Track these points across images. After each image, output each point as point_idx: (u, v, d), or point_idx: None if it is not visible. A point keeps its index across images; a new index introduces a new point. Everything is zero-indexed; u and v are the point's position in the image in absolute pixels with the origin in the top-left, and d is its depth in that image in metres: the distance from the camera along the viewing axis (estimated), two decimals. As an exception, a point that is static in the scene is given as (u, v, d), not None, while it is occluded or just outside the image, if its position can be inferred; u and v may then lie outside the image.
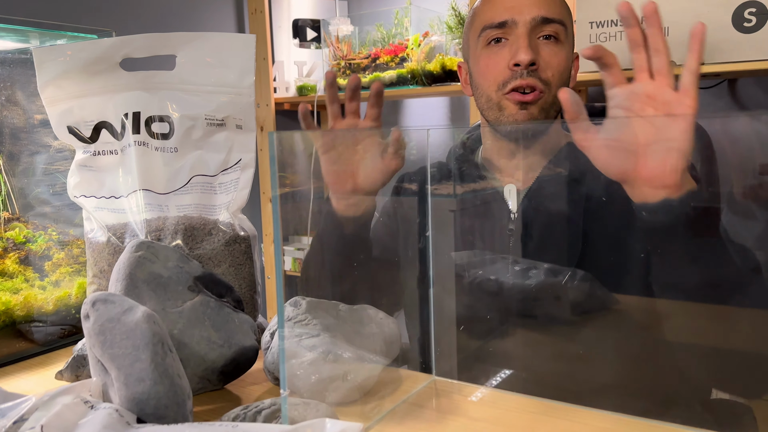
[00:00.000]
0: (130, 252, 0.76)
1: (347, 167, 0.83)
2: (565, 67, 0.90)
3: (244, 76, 0.85)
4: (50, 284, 0.96)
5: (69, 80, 0.85)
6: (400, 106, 2.06)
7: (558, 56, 0.89)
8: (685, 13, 1.27)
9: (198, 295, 0.76)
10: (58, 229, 1.02)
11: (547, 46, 0.89)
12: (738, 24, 1.22)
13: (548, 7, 0.90)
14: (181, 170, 0.88)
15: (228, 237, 0.87)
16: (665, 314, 0.76)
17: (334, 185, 0.85)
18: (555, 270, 0.83)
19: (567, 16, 0.92)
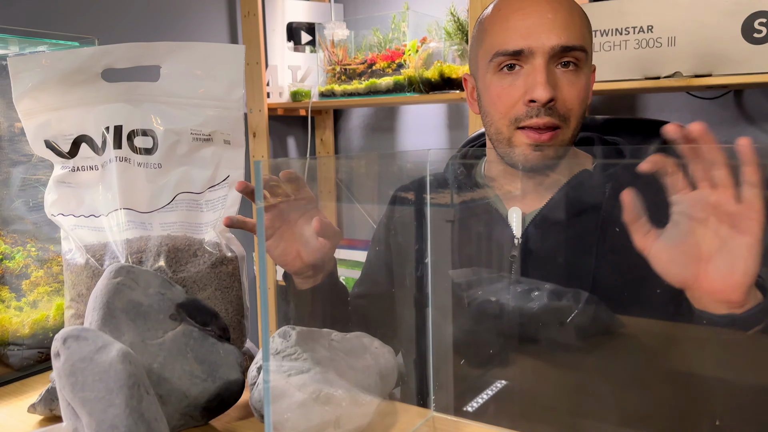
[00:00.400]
0: (108, 278, 0.71)
1: (291, 246, 0.80)
2: (586, 94, 0.83)
3: (232, 88, 0.80)
4: (27, 305, 0.91)
5: (46, 92, 0.80)
6: (396, 111, 2.01)
7: (578, 85, 0.81)
8: (693, 22, 1.23)
9: (180, 325, 0.71)
10: (38, 244, 0.97)
11: (566, 76, 0.81)
12: (747, 35, 1.17)
13: (569, 33, 0.80)
14: (165, 187, 0.83)
15: (214, 258, 0.82)
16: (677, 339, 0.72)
17: (285, 266, 0.83)
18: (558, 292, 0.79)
19: (588, 36, 0.84)
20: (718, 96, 1.49)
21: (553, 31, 0.80)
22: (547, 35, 0.80)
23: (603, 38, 1.31)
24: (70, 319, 0.82)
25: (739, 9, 1.18)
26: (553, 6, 0.81)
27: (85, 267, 0.80)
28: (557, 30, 0.80)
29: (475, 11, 1.42)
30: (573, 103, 0.81)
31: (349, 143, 2.13)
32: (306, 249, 0.80)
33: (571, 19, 0.81)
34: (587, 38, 0.83)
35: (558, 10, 0.81)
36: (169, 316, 0.71)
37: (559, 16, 0.80)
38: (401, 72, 1.61)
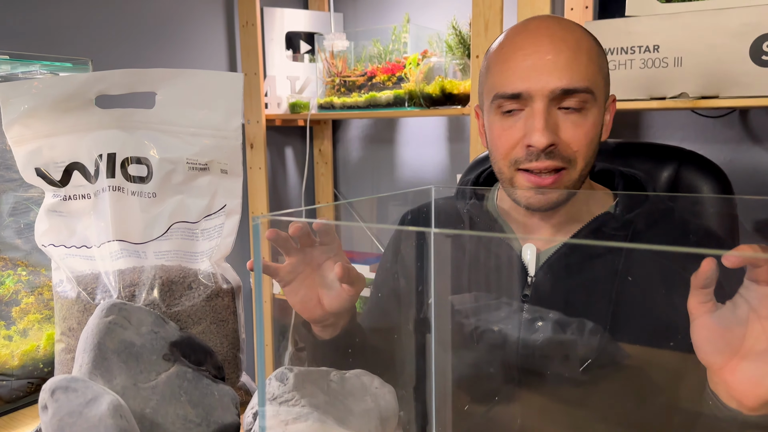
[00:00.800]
0: (100, 317, 0.69)
1: (311, 293, 0.75)
2: (595, 133, 0.79)
3: (230, 117, 0.78)
4: (17, 334, 0.88)
5: (37, 118, 0.78)
6: (396, 122, 1.99)
7: (584, 127, 0.77)
8: (699, 43, 1.20)
9: (174, 366, 0.69)
10: (29, 268, 0.94)
11: (569, 118, 0.77)
12: (756, 57, 1.15)
13: (571, 74, 0.76)
14: (159, 217, 0.80)
15: (209, 291, 0.80)
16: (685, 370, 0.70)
17: (304, 314, 0.77)
18: (571, 339, 0.77)
19: (598, 73, 0.79)
20: (724, 115, 1.47)
21: (553, 73, 0.76)
22: (546, 78, 0.76)
23: (608, 57, 1.29)
24: (61, 353, 0.79)
25: (747, 31, 1.16)
26: (555, 46, 0.77)
27: (77, 301, 0.77)
28: (558, 72, 0.76)
29: (478, 25, 1.39)
30: (579, 145, 0.77)
31: (348, 154, 2.11)
32: (328, 296, 0.75)
33: (575, 58, 0.76)
34: (595, 76, 0.78)
35: (561, 50, 0.76)
36: (163, 356, 0.69)
37: (561, 57, 0.76)
38: (401, 86, 1.58)
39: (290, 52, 1.92)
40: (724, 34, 1.19)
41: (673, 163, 1.04)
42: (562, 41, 0.77)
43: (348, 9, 2.02)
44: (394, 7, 1.93)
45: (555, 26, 0.78)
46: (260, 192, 1.83)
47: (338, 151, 2.13)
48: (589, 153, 0.79)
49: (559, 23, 0.79)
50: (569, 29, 0.78)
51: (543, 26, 0.79)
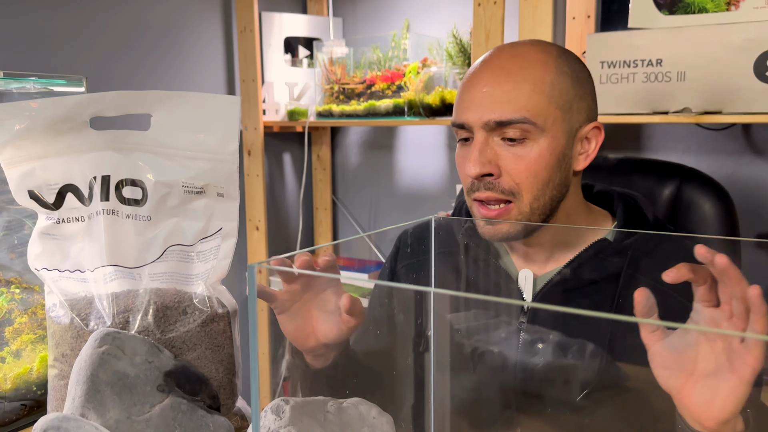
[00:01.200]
0: (93, 347, 0.68)
1: (306, 323, 0.74)
2: (542, 165, 0.78)
3: (227, 141, 0.76)
4: (10, 355, 0.87)
5: (30, 140, 0.76)
6: (395, 129, 1.97)
7: (526, 158, 0.77)
8: (703, 58, 1.19)
9: (168, 397, 0.68)
10: (23, 285, 0.93)
11: (511, 149, 0.78)
12: (760, 73, 1.14)
13: (507, 106, 0.77)
14: (154, 240, 0.79)
15: (205, 317, 0.78)
16: None
17: (296, 342, 0.77)
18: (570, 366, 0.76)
19: (546, 103, 0.78)
20: (726, 127, 1.46)
21: (487, 105, 0.78)
22: (482, 110, 0.78)
23: (610, 70, 1.27)
24: (54, 379, 0.78)
25: (751, 46, 1.15)
26: (495, 78, 0.78)
27: (70, 327, 0.76)
28: (492, 104, 0.77)
29: (479, 36, 1.38)
30: (520, 177, 0.78)
31: (347, 160, 2.09)
32: (324, 327, 0.74)
33: (513, 90, 0.77)
34: (541, 107, 0.77)
35: (500, 82, 0.78)
36: (157, 387, 0.68)
37: (498, 89, 0.77)
38: (401, 95, 1.57)
39: (289, 56, 1.90)
40: (727, 50, 1.18)
41: (675, 181, 1.03)
42: (504, 73, 0.78)
43: (347, 14, 2.00)
44: (394, 12, 1.91)
45: (506, 57, 0.80)
46: (258, 199, 1.81)
47: (337, 157, 2.12)
48: (537, 185, 0.78)
49: (514, 54, 0.80)
50: (522, 60, 0.79)
51: (496, 56, 0.81)
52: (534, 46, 0.81)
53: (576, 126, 0.80)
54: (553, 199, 0.80)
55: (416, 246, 0.88)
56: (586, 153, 0.81)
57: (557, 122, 0.78)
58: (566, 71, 0.79)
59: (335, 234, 2.13)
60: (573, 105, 0.79)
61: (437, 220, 0.69)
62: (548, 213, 0.81)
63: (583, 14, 1.52)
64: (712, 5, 1.20)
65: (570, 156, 0.80)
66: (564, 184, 0.80)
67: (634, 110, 1.27)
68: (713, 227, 0.98)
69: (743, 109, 1.17)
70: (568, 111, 0.79)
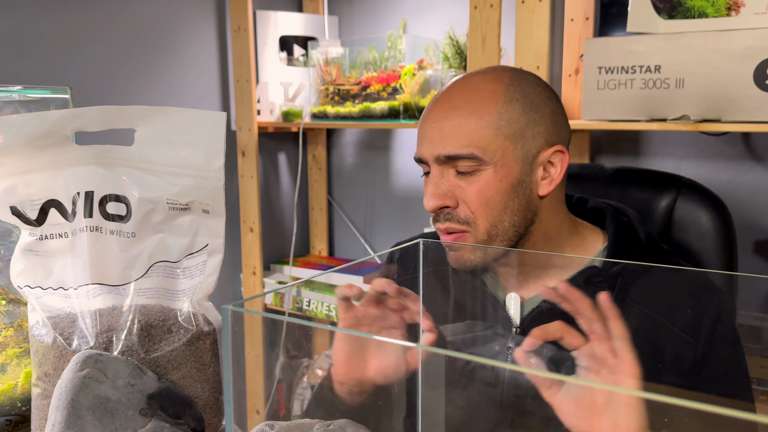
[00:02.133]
0: (75, 371, 0.66)
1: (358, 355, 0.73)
2: (492, 193, 0.80)
3: (212, 158, 0.75)
4: (-6, 370, 0.86)
5: (12, 155, 0.75)
6: (391, 131, 1.96)
7: (476, 187, 0.80)
8: (702, 65, 1.17)
9: (151, 421, 0.67)
10: (10, 296, 0.92)
11: (464, 180, 0.81)
12: (760, 81, 1.12)
13: (453, 141, 0.79)
14: (139, 257, 0.78)
15: (190, 335, 0.77)
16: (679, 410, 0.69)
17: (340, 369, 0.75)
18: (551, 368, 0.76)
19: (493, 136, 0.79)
20: (725, 133, 1.44)
21: (437, 140, 0.81)
22: (434, 145, 0.81)
23: (608, 76, 1.25)
24: (37, 398, 0.77)
25: (751, 54, 1.13)
26: (444, 113, 0.81)
27: (53, 346, 0.74)
28: (441, 139, 0.80)
29: (475, 39, 1.36)
30: (474, 206, 0.80)
31: (342, 160, 2.08)
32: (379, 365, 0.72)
33: (461, 124, 0.79)
34: (487, 140, 0.79)
35: (448, 117, 0.80)
36: (139, 411, 0.67)
37: (447, 123, 0.80)
38: (396, 97, 1.55)
39: (285, 54, 1.88)
40: (728, 57, 1.16)
41: (672, 192, 1.02)
42: (453, 107, 0.80)
43: (344, 12, 1.98)
44: (390, 11, 1.89)
45: (456, 90, 0.82)
46: (252, 200, 1.80)
47: (333, 157, 2.10)
48: (492, 213, 0.79)
49: (463, 87, 0.81)
50: (470, 92, 0.80)
51: (447, 91, 0.83)
52: (486, 75, 0.82)
53: (533, 152, 0.80)
54: (516, 225, 0.81)
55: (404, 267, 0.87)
56: (550, 178, 0.81)
57: (507, 152, 0.79)
58: (517, 98, 0.79)
59: (331, 234, 2.12)
60: (525, 132, 0.79)
61: (425, 243, 0.68)
62: (514, 238, 0.81)
63: (581, 16, 1.50)
64: (713, 10, 1.18)
65: (529, 182, 0.80)
66: (527, 210, 0.81)
67: (631, 117, 1.25)
68: (710, 240, 0.96)
69: (743, 117, 1.16)
70: (520, 139, 0.79)
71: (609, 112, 1.26)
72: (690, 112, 1.19)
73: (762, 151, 1.41)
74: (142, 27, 1.60)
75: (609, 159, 1.57)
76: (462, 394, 0.77)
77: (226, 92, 1.81)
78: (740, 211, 1.42)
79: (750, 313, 1.36)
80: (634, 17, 1.25)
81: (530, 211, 0.81)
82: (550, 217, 0.82)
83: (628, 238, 0.81)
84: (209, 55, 1.74)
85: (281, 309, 1.85)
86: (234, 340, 0.61)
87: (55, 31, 1.46)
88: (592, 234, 0.86)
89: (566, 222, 0.85)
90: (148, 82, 1.62)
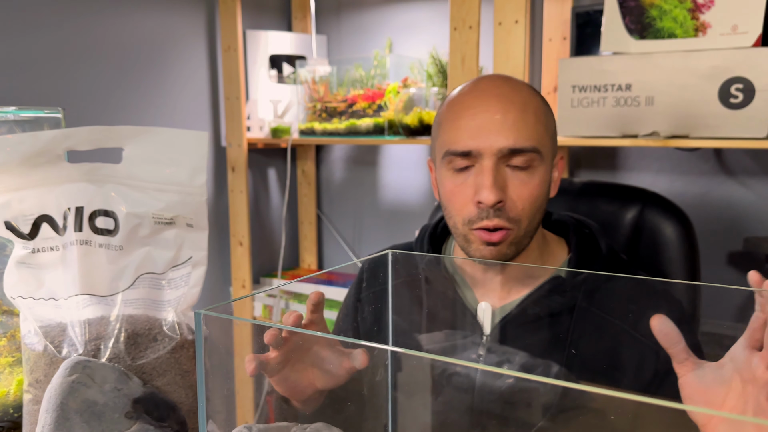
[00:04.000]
0: (63, 376, 0.70)
1: (303, 377, 0.73)
2: (541, 191, 0.82)
3: (195, 175, 0.79)
4: (-12, 378, 0.89)
5: (7, 173, 0.79)
6: (377, 148, 2.01)
7: (530, 185, 0.80)
8: (670, 84, 1.22)
9: (136, 423, 0.70)
10: (3, 307, 0.95)
11: (517, 176, 0.80)
12: (724, 99, 1.17)
13: (518, 134, 0.79)
14: (126, 269, 0.82)
15: (174, 344, 0.81)
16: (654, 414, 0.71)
17: (292, 396, 0.75)
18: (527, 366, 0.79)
19: (545, 133, 0.82)
20: (698, 149, 1.49)
21: (501, 132, 0.78)
22: (495, 137, 0.78)
23: (581, 94, 1.30)
24: (28, 404, 0.80)
25: (716, 73, 1.18)
26: (503, 106, 0.79)
27: (44, 354, 0.78)
28: (506, 132, 0.78)
29: (455, 59, 1.41)
30: (524, 204, 0.80)
31: (331, 175, 2.12)
32: (323, 377, 0.73)
33: (522, 118, 0.79)
34: (542, 136, 0.81)
35: (509, 110, 0.79)
36: (125, 414, 0.70)
37: (509, 116, 0.78)
38: (381, 114, 1.60)
39: (274, 72, 1.93)
40: (693, 76, 1.21)
41: (638, 205, 1.06)
42: (510, 101, 0.79)
43: (332, 32, 2.03)
44: (377, 30, 1.94)
45: (504, 86, 0.81)
46: (241, 215, 1.84)
47: (321, 172, 2.15)
48: (534, 211, 0.81)
49: (507, 83, 0.82)
50: (517, 89, 0.81)
51: (493, 86, 0.81)
52: (515, 79, 0.84)
53: (553, 154, 0.84)
54: (539, 223, 0.84)
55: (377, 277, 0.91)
56: (556, 182, 0.85)
57: (549, 150, 0.82)
58: (547, 104, 0.83)
59: (320, 247, 2.16)
60: (555, 135, 0.84)
61: (394, 255, 0.72)
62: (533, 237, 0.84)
63: (559, 36, 1.55)
64: (681, 31, 1.24)
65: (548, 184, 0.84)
66: (545, 210, 0.84)
67: (604, 133, 1.30)
68: (674, 250, 1.01)
69: (709, 133, 1.21)
70: (553, 139, 0.83)
71: (583, 129, 1.31)
72: (660, 129, 1.24)
73: (733, 166, 1.46)
74: (134, 47, 1.65)
75: (588, 174, 1.62)
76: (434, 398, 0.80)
77: (217, 109, 1.86)
78: (713, 224, 1.47)
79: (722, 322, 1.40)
80: (607, 37, 1.30)
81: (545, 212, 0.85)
82: None
83: (590, 249, 0.85)
84: (200, 73, 1.79)
85: (268, 321, 1.88)
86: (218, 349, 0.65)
87: (48, 52, 1.50)
88: (557, 245, 0.90)
89: (539, 231, 0.89)
90: (139, 101, 1.67)
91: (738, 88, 1.16)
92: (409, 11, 1.85)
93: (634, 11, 1.26)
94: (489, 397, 0.80)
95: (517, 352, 0.83)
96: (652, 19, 1.25)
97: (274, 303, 1.84)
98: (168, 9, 1.68)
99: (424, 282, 0.84)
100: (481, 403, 0.80)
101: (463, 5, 1.36)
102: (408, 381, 0.76)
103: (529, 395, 0.79)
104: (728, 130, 1.18)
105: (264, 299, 1.86)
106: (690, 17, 1.21)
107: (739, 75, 1.15)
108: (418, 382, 0.78)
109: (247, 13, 1.86)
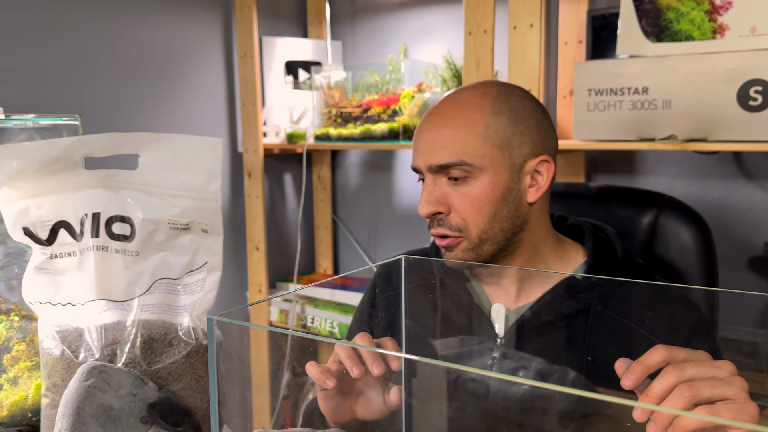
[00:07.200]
0: (80, 381, 0.71)
1: (344, 402, 0.73)
2: (486, 200, 0.85)
3: (210, 181, 0.80)
4: (7, 382, 0.90)
5: (25, 180, 0.80)
6: (392, 152, 2.01)
7: (470, 196, 0.85)
8: (688, 87, 1.21)
9: (151, 428, 0.71)
10: (23, 313, 0.96)
11: (456, 188, 0.86)
12: (743, 102, 1.16)
13: (444, 151, 0.85)
14: (142, 275, 0.82)
15: (190, 348, 0.81)
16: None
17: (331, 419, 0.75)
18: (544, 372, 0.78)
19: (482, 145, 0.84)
20: (717, 152, 1.47)
21: (430, 150, 0.85)
22: (427, 155, 0.86)
23: (598, 98, 1.30)
24: (46, 408, 0.81)
25: (734, 76, 1.17)
26: (435, 125, 0.86)
27: (61, 358, 0.79)
28: (433, 150, 0.85)
29: (470, 64, 1.40)
30: (466, 213, 0.85)
31: (347, 180, 2.13)
32: (365, 407, 0.73)
33: (451, 135, 0.84)
34: (478, 149, 0.84)
35: (439, 128, 0.85)
36: (140, 419, 0.71)
37: (438, 135, 0.85)
38: (395, 119, 1.60)
39: (290, 78, 1.94)
40: (712, 79, 1.20)
41: (654, 209, 1.05)
42: (443, 120, 0.85)
43: (347, 38, 2.04)
44: (391, 35, 1.95)
45: (447, 104, 0.87)
46: (258, 220, 1.85)
47: (337, 177, 2.15)
48: (483, 219, 0.84)
49: (453, 101, 0.86)
50: (459, 106, 0.85)
51: (439, 105, 0.88)
52: (475, 90, 0.87)
53: (519, 161, 0.85)
54: (505, 230, 0.85)
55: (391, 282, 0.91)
56: (537, 185, 0.85)
57: (495, 159, 0.84)
58: (503, 110, 0.84)
59: (335, 252, 2.16)
60: (512, 141, 0.84)
61: (407, 260, 0.72)
62: (503, 243, 0.86)
63: (575, 40, 1.54)
64: (698, 33, 1.23)
65: (518, 190, 0.85)
66: (516, 217, 0.85)
67: (621, 137, 1.29)
68: (690, 255, 1.00)
69: (728, 136, 1.19)
70: (507, 148, 0.84)
71: (599, 133, 1.30)
72: (677, 132, 1.23)
73: (753, 170, 1.45)
74: (151, 54, 1.66)
75: (604, 178, 1.60)
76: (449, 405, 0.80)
77: (233, 115, 1.88)
78: (733, 228, 1.45)
79: (743, 328, 1.38)
80: (624, 40, 1.30)
81: (519, 218, 0.86)
82: (538, 225, 0.86)
83: (606, 254, 0.85)
84: (216, 79, 1.81)
85: (283, 325, 1.89)
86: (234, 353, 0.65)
87: (67, 61, 1.52)
88: (573, 248, 0.89)
89: (551, 234, 0.89)
90: (156, 107, 1.68)
91: (757, 91, 1.14)
92: (424, 16, 1.85)
93: (650, 14, 1.25)
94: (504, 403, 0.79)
95: (533, 358, 0.83)
96: (669, 21, 1.24)
97: (290, 307, 1.85)
98: (185, 16, 1.70)
99: (438, 285, 0.85)
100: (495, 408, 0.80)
101: (478, 9, 1.36)
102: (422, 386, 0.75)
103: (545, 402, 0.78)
104: (747, 133, 1.16)
105: (280, 303, 1.86)
106: (708, 19, 1.20)
107: (758, 77, 1.14)
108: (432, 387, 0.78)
109: (263, 19, 1.87)
